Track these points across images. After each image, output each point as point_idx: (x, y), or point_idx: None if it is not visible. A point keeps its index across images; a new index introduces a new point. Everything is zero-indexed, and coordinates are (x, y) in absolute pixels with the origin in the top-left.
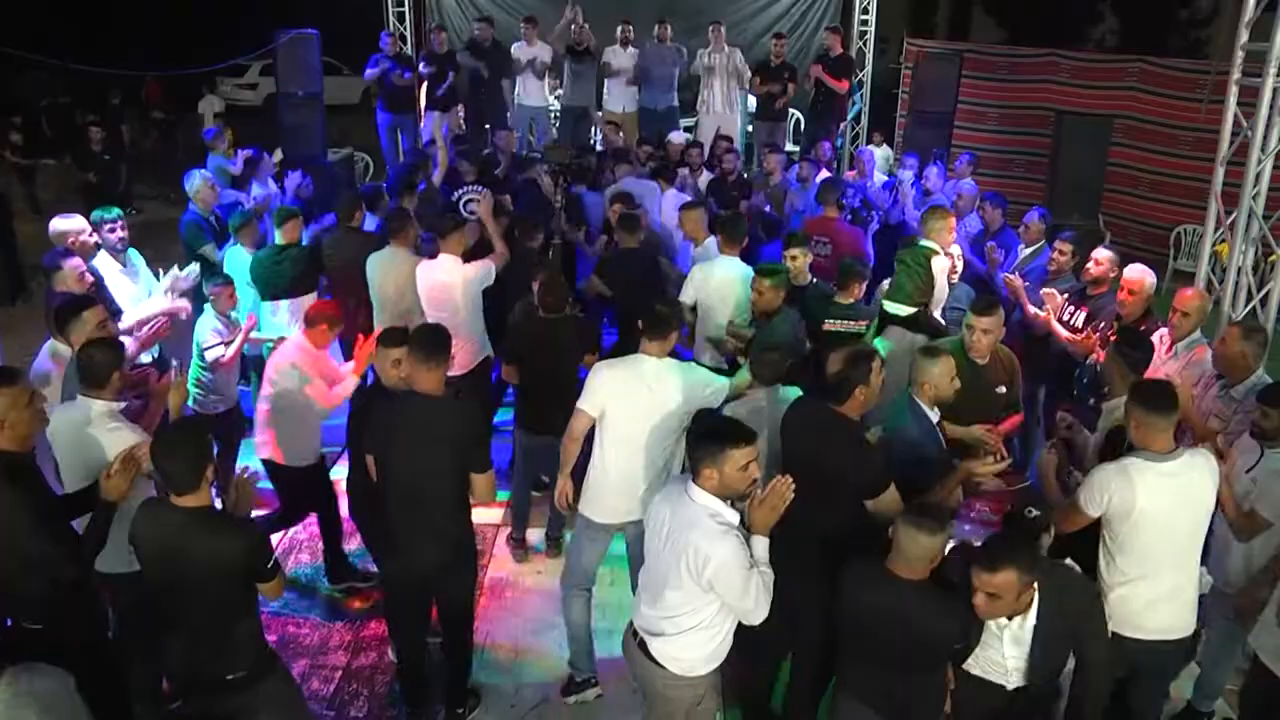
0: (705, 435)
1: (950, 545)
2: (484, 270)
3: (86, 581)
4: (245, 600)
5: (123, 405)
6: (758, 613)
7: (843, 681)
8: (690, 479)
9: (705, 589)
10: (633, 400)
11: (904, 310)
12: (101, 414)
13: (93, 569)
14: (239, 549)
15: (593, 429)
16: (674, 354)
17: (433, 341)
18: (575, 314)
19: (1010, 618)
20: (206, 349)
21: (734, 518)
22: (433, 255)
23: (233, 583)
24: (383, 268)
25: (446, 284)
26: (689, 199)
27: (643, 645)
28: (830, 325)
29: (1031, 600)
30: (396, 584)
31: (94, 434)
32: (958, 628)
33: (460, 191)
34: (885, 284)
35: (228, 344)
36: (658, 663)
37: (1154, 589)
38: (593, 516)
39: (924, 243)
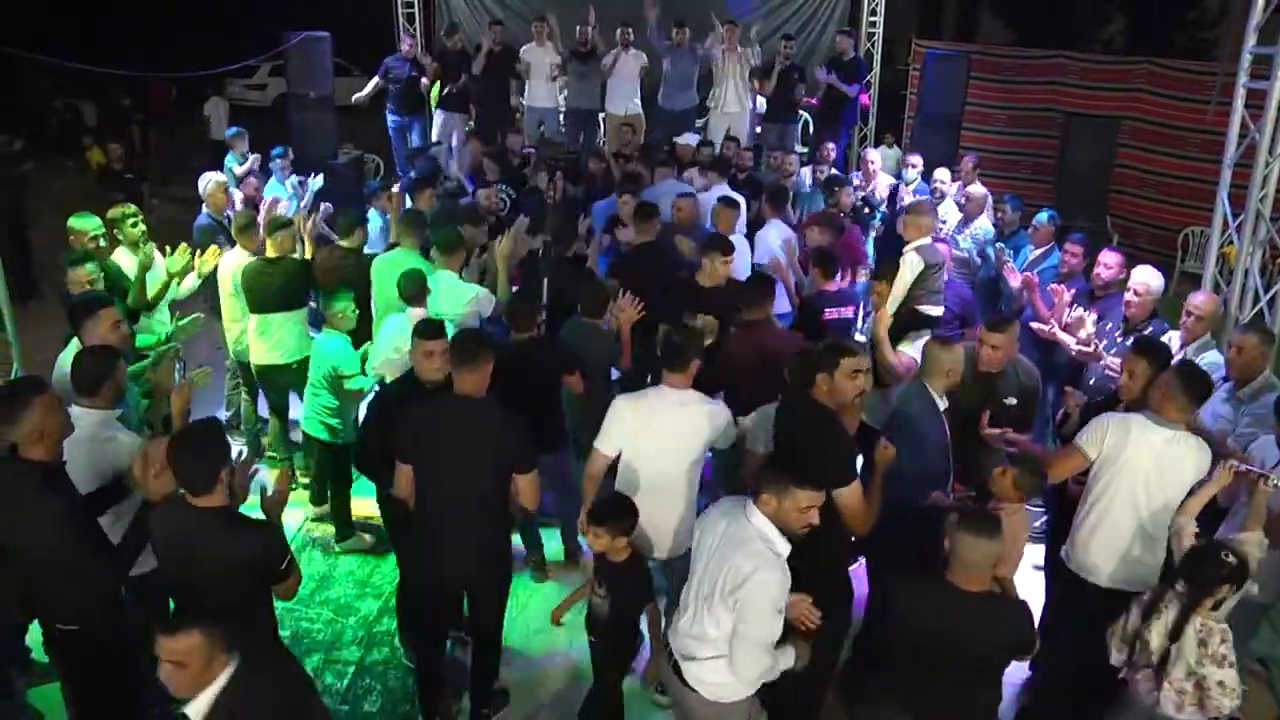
0: (778, 465)
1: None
2: (486, 295)
3: (120, 585)
4: (259, 599)
5: (119, 413)
6: (752, 669)
7: (897, 693)
8: (750, 499)
9: (730, 608)
10: (653, 439)
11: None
12: (95, 424)
13: (129, 572)
14: (252, 549)
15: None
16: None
17: (474, 343)
18: (546, 335)
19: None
20: (347, 377)
21: (784, 549)
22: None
23: (246, 582)
24: (391, 270)
25: (438, 297)
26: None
27: (676, 668)
28: (830, 314)
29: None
30: (423, 588)
31: (90, 445)
32: (1022, 636)
33: (484, 192)
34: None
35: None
36: (690, 686)
37: (1111, 542)
38: None
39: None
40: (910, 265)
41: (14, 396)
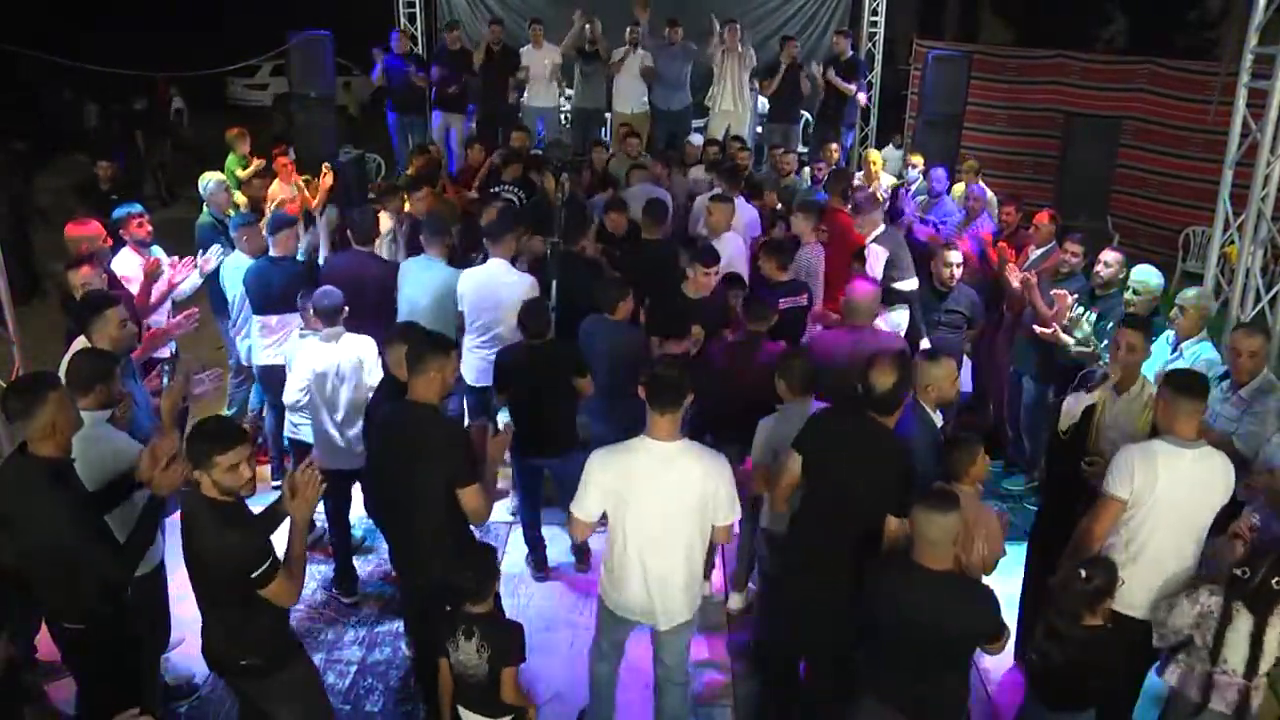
0: None
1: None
2: (533, 281)
3: (127, 583)
4: (249, 593)
5: (107, 414)
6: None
7: (867, 682)
8: None
9: None
10: (636, 503)
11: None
12: (86, 423)
13: (134, 569)
14: (232, 547)
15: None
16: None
17: (424, 345)
18: (556, 338)
19: None
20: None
21: None
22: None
23: (231, 576)
24: (417, 277)
25: (495, 286)
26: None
27: None
28: (785, 303)
29: None
30: (405, 591)
31: (84, 445)
32: (989, 618)
33: (495, 190)
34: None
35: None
36: None
37: (1151, 574)
38: (612, 607)
39: None
40: (876, 255)
41: (29, 391)
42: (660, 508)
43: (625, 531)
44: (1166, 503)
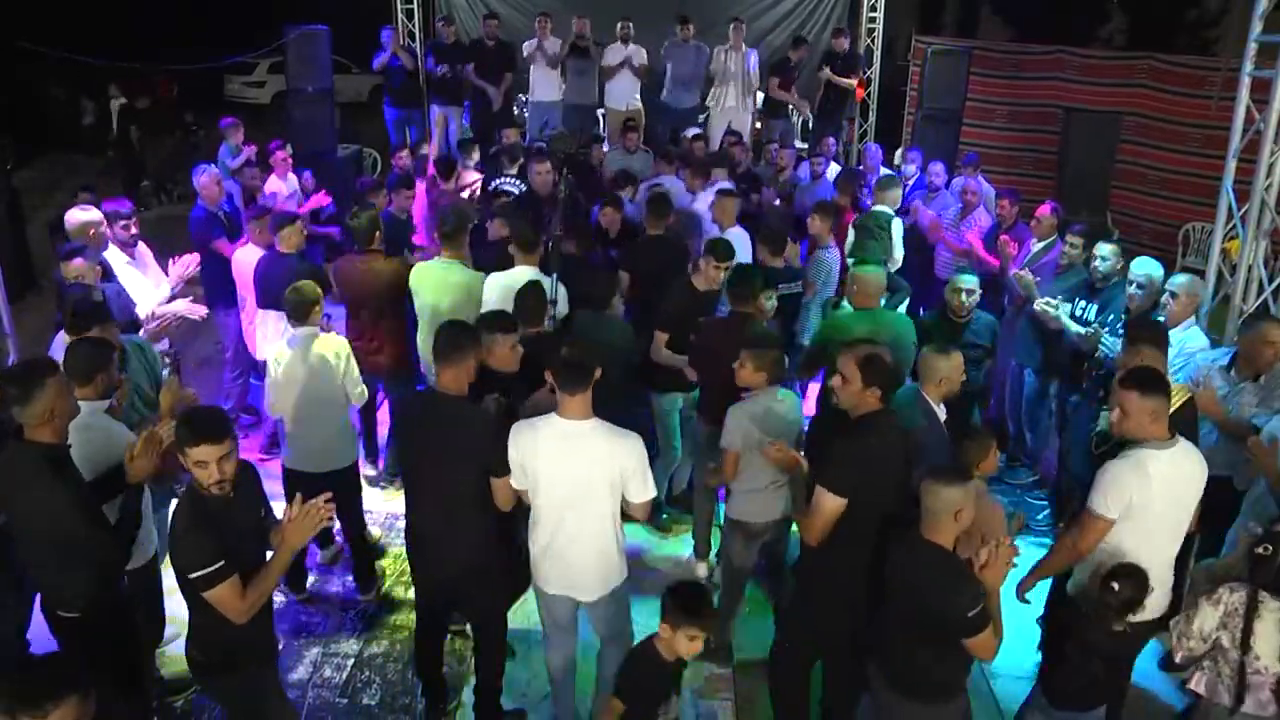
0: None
1: None
2: (562, 290)
3: (123, 568)
4: (191, 593)
5: (106, 405)
6: None
7: (872, 652)
8: None
9: None
10: (544, 475)
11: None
12: (85, 412)
13: (129, 554)
14: (179, 540)
15: None
16: None
17: (454, 336)
18: (552, 331)
19: None
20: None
21: None
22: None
23: (176, 568)
24: (434, 281)
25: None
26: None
27: None
28: (780, 289)
29: None
30: (419, 583)
31: (82, 434)
32: (959, 603)
33: (498, 180)
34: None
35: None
36: None
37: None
38: (541, 585)
39: (880, 208)
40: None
41: (27, 377)
42: (566, 483)
43: (537, 505)
44: (1161, 515)
